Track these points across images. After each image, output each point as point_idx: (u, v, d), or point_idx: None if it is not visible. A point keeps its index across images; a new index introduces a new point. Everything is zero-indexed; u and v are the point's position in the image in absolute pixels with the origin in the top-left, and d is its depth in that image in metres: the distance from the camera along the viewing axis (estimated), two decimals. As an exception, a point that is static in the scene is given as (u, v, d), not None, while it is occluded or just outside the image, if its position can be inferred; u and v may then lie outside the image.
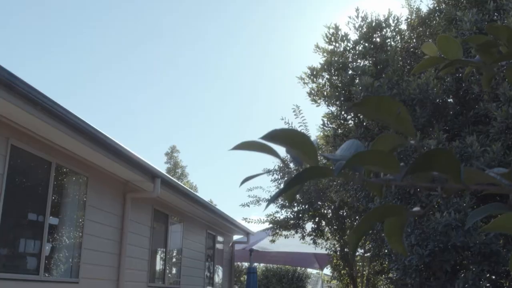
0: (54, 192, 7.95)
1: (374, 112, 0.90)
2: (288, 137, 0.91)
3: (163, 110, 52.69)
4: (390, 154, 0.86)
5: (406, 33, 8.77)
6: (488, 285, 5.92)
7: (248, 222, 13.79)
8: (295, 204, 12.72)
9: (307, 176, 0.88)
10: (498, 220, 0.86)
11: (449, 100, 7.47)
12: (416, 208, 1.02)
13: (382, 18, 8.36)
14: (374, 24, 8.19)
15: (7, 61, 6.11)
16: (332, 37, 8.30)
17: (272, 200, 0.92)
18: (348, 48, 8.32)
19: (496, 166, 6.13)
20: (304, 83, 8.40)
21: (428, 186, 0.91)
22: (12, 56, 37.36)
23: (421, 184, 0.91)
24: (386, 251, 7.88)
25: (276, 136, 0.90)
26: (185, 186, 12.70)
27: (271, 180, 13.26)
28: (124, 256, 9.83)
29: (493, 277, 6.19)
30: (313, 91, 7.96)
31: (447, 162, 0.82)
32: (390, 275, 9.40)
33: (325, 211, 12.80)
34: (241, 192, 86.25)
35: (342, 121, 7.67)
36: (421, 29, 8.75)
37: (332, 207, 12.35)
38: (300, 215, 12.83)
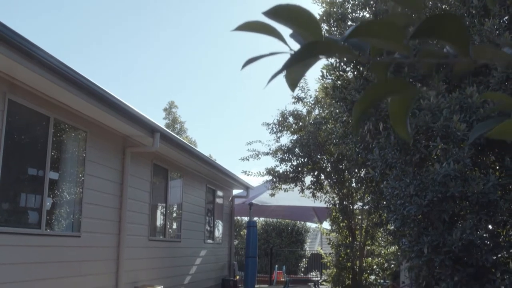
0: (53, 147, 7.95)
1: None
2: (292, 13, 0.84)
3: (161, 67, 52.34)
4: (397, 26, 0.81)
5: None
6: (485, 234, 5.97)
7: (248, 175, 13.87)
8: (294, 158, 12.75)
9: (309, 52, 0.82)
10: (501, 126, 0.84)
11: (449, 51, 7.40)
12: (425, 88, 0.99)
13: (382, -32, 8.20)
14: (374, -27, 8.04)
15: (7, 18, 6.02)
16: (331, -13, 8.16)
17: (273, 77, 0.86)
18: (347, -2, 8.19)
19: (496, 116, 6.11)
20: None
21: (436, 63, 0.87)
22: (11, 16, 36.88)
23: (430, 61, 0.87)
24: (384, 203, 7.94)
25: (280, 12, 0.84)
26: (184, 141, 12.72)
27: (270, 133, 13.27)
28: (125, 211, 9.91)
29: (490, 226, 6.24)
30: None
31: (454, 28, 0.78)
32: (389, 226, 9.49)
33: (324, 165, 12.84)
34: (241, 147, 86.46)
35: (341, 73, 7.62)
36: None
37: (331, 160, 12.39)
38: (299, 168, 12.88)
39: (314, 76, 22.98)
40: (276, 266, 20.43)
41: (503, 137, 0.85)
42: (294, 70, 0.88)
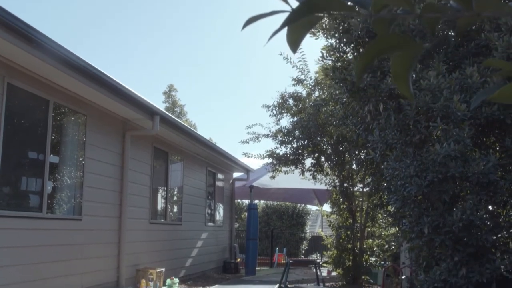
0: (53, 131, 7.95)
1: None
2: None
3: (160, 50, 52.12)
4: None
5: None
6: (485, 215, 5.98)
7: (248, 157, 13.86)
8: (294, 140, 12.74)
9: (309, 8, 0.79)
10: (502, 90, 0.84)
11: (450, 33, 7.35)
12: (427, 44, 0.97)
13: None
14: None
15: (6, 2, 5.95)
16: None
17: (273, 35, 0.84)
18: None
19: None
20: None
21: (440, 18, 0.85)
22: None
23: (432, 15, 0.85)
24: (385, 184, 7.94)
25: None
26: (184, 123, 12.71)
27: (270, 116, 13.25)
28: (126, 194, 9.94)
29: (490, 207, 6.25)
30: (311, 24, 7.82)
31: None
32: (389, 208, 9.51)
33: (324, 147, 12.84)
34: (241, 130, 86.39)
35: (341, 54, 7.58)
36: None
37: (331, 142, 12.38)
38: (300, 150, 12.87)
39: (314, 58, 22.76)
40: (277, 248, 20.51)
41: (504, 100, 0.84)
42: (295, 31, 0.86)
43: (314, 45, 17.43)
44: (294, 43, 0.90)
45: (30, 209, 7.54)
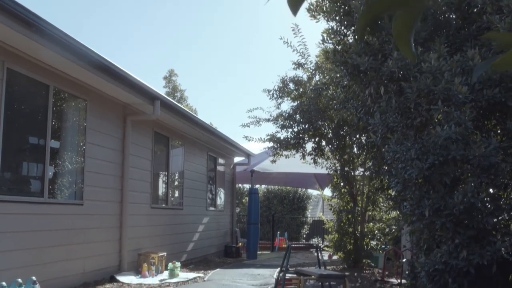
0: (53, 116, 7.94)
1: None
2: None
3: (161, 35, 51.93)
4: None
5: None
6: (486, 198, 5.99)
7: (249, 140, 13.85)
8: (295, 124, 12.73)
9: None
10: (504, 57, 0.83)
11: (451, 16, 7.30)
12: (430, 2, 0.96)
13: None
14: None
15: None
16: None
17: None
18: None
19: (498, 79, 6.07)
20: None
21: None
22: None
23: None
24: (386, 168, 7.95)
25: None
26: (184, 108, 12.70)
27: (270, 99, 13.22)
28: (127, 179, 9.95)
29: (491, 189, 6.25)
30: (312, 7, 7.77)
31: None
32: (390, 191, 9.53)
33: (325, 131, 12.83)
34: (242, 115, 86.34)
35: (342, 37, 7.54)
36: None
37: (332, 126, 12.37)
38: (301, 135, 12.87)
39: (315, 41, 22.70)
40: (278, 232, 20.59)
41: (506, 68, 0.83)
42: None
43: (315, 29, 17.33)
44: (295, 6, 0.89)
45: (31, 194, 7.55)
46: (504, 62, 0.83)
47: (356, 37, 6.66)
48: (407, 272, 8.52)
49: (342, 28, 7.55)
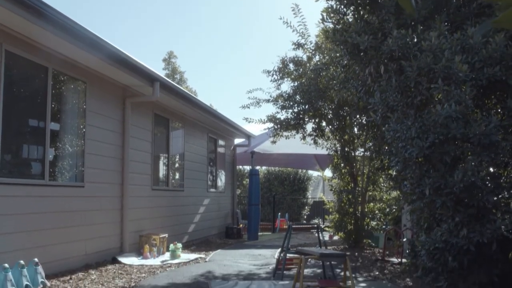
0: (53, 98, 7.92)
1: None
2: None
3: (160, 17, 51.65)
4: None
5: None
6: (486, 176, 5.98)
7: (249, 122, 13.85)
8: (295, 105, 12.71)
9: None
10: (505, 14, 0.82)
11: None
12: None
13: None
14: None
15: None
16: None
17: None
18: None
19: (499, 58, 6.03)
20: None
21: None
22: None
23: None
24: (386, 148, 7.94)
25: None
26: (184, 89, 12.66)
27: (271, 81, 13.19)
28: (127, 161, 9.95)
29: (492, 168, 6.25)
30: (311, -15, 7.72)
31: None
32: (390, 171, 9.54)
33: (325, 111, 12.81)
34: (242, 96, 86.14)
35: (342, 16, 7.49)
36: None
37: (332, 106, 12.34)
38: (301, 115, 12.85)
39: (314, 22, 22.55)
40: (279, 214, 20.65)
41: (506, 25, 0.83)
42: None
43: (314, 9, 17.27)
44: None
45: (32, 177, 7.56)
46: (505, 19, 0.82)
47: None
48: (407, 251, 8.56)
49: (342, 7, 7.50)
